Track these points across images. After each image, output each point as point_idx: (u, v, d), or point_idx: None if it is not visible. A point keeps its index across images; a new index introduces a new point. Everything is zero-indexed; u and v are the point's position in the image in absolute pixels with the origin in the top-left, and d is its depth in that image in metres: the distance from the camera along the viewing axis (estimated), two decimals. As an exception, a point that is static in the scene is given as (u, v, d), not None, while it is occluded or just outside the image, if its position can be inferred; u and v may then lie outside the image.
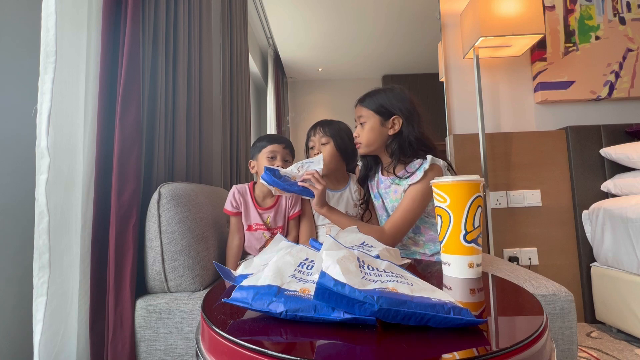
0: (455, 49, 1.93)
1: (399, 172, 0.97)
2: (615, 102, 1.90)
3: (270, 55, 2.19)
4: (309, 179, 0.91)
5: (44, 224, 0.72)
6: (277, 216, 1.07)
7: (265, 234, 1.06)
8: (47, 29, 0.74)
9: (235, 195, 1.05)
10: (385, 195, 1.03)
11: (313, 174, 0.91)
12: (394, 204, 1.00)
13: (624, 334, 1.51)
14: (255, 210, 1.06)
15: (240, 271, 0.63)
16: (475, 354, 0.36)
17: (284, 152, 1.06)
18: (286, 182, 0.91)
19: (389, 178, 1.01)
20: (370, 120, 0.99)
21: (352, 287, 0.41)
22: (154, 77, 0.99)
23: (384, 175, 1.05)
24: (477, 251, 0.63)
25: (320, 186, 0.91)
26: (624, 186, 1.59)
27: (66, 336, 0.77)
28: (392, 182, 1.01)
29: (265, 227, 1.07)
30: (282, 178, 0.92)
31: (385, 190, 1.04)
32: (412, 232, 1.01)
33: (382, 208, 1.05)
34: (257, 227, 1.06)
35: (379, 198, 1.06)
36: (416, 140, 0.95)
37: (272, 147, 1.04)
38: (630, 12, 1.87)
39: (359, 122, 1.02)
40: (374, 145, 0.99)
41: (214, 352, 0.43)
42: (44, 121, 0.72)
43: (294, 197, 1.09)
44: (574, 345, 0.78)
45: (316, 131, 1.11)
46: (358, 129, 1.02)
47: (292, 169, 0.95)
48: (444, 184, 0.64)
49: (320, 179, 0.92)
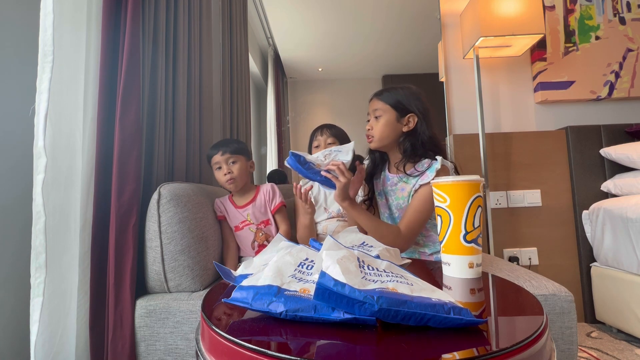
0: (455, 49, 1.93)
1: (408, 170, 0.97)
2: (615, 102, 1.90)
3: (270, 55, 2.19)
4: (333, 169, 0.87)
5: (41, 224, 0.71)
6: (255, 211, 1.09)
7: (251, 227, 1.10)
8: (45, 28, 0.74)
9: (217, 204, 1.11)
10: (391, 193, 1.03)
11: (338, 165, 0.87)
12: (399, 202, 1.00)
13: (624, 334, 1.51)
14: (235, 211, 1.09)
15: (240, 271, 0.63)
16: (475, 354, 0.36)
17: (224, 158, 1.05)
18: (310, 170, 0.87)
19: (397, 175, 1.01)
20: (386, 115, 0.98)
21: (352, 287, 0.41)
22: (154, 77, 0.99)
23: (391, 173, 1.04)
24: (477, 251, 0.63)
25: (344, 179, 0.86)
26: (624, 186, 1.59)
27: (65, 336, 0.77)
28: (399, 180, 1.00)
29: (249, 222, 1.10)
30: (306, 165, 0.87)
31: (391, 188, 1.03)
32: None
33: (385, 206, 1.05)
34: (243, 225, 1.10)
35: (382, 196, 1.06)
36: (429, 140, 0.96)
37: (214, 157, 1.06)
38: (630, 12, 1.87)
39: (373, 116, 1.00)
40: (386, 140, 0.99)
41: (214, 352, 0.43)
42: (41, 121, 0.72)
43: (269, 190, 1.12)
44: (574, 345, 0.78)
45: (323, 131, 1.14)
46: (372, 122, 1.00)
47: (319, 156, 0.91)
48: (444, 184, 0.64)
49: (346, 171, 0.87)
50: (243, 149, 1.10)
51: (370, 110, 1.02)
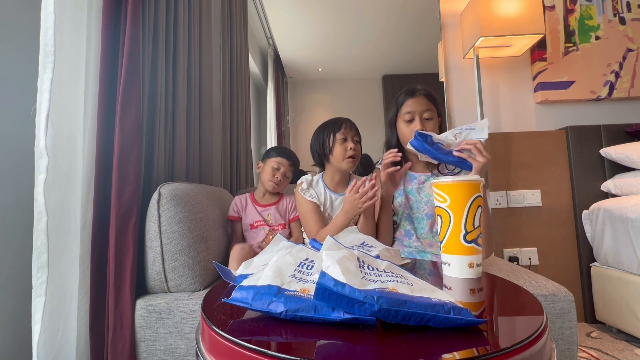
0: (455, 49, 1.93)
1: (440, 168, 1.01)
2: (615, 102, 1.89)
3: (270, 55, 2.19)
4: (468, 149, 0.81)
5: (43, 224, 0.72)
6: (277, 213, 1.14)
7: (265, 228, 1.13)
8: (46, 28, 0.74)
9: (236, 201, 1.17)
10: (419, 191, 1.03)
11: (475, 143, 0.80)
12: (430, 198, 1.00)
13: (624, 334, 1.51)
14: (254, 209, 1.13)
15: (240, 271, 0.63)
16: (475, 354, 0.36)
17: (288, 168, 1.16)
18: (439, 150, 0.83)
19: (424, 174, 1.04)
20: (435, 117, 1.01)
21: (352, 287, 0.41)
22: (154, 77, 0.99)
23: (417, 172, 1.05)
24: (477, 251, 0.63)
25: (482, 159, 0.79)
26: (624, 186, 1.59)
27: (65, 336, 0.77)
28: (427, 179, 1.03)
29: (264, 223, 1.13)
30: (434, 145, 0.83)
31: (418, 186, 1.03)
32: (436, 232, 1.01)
33: (406, 206, 1.04)
34: (258, 224, 1.13)
35: (403, 195, 1.04)
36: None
37: (281, 159, 1.15)
38: (630, 12, 1.87)
39: (424, 116, 0.98)
40: None
41: (214, 352, 0.43)
42: (42, 121, 0.72)
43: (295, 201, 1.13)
44: (574, 345, 0.78)
45: (352, 126, 1.06)
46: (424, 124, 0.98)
47: (448, 135, 0.86)
48: (444, 184, 0.64)
49: (484, 150, 0.80)
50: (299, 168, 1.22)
51: (414, 109, 0.99)
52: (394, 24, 2.06)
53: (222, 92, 1.50)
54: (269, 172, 1.15)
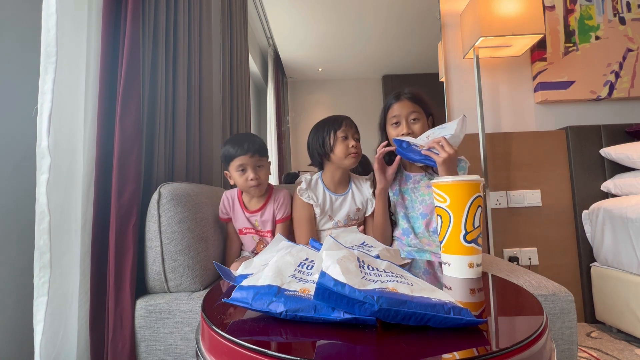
0: (455, 49, 1.93)
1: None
2: (615, 102, 1.89)
3: (270, 55, 2.19)
4: (433, 146, 0.85)
5: (45, 224, 0.72)
6: (264, 219, 1.04)
7: (254, 237, 1.06)
8: (48, 29, 0.74)
9: (224, 202, 1.05)
10: (414, 190, 1.06)
11: (439, 140, 0.85)
12: (424, 198, 1.03)
13: (624, 334, 1.51)
14: (242, 214, 1.04)
15: (240, 271, 0.63)
16: (475, 354, 0.36)
17: (254, 161, 0.96)
18: (414, 152, 0.88)
19: (420, 174, 1.06)
20: (422, 117, 1.02)
21: (352, 287, 0.41)
22: (154, 77, 0.99)
23: (412, 172, 1.08)
24: (477, 251, 0.63)
25: (444, 154, 0.84)
26: (624, 186, 1.59)
27: (66, 336, 0.77)
28: (422, 178, 1.05)
29: (253, 230, 1.05)
30: (409, 148, 0.88)
31: (413, 186, 1.06)
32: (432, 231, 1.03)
33: (402, 205, 1.07)
34: (247, 231, 1.05)
35: (398, 195, 1.08)
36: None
37: (242, 158, 0.95)
38: (630, 12, 1.87)
39: (410, 118, 1.01)
40: None
41: (214, 352, 0.43)
42: (44, 121, 0.72)
43: (282, 201, 1.04)
44: (574, 345, 0.78)
45: (352, 124, 1.05)
46: (411, 126, 1.00)
47: (422, 138, 0.91)
48: (444, 183, 0.64)
49: (447, 145, 0.84)
50: (266, 148, 1.01)
51: (399, 113, 1.01)
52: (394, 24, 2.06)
53: (222, 92, 1.50)
54: (239, 178, 0.98)
